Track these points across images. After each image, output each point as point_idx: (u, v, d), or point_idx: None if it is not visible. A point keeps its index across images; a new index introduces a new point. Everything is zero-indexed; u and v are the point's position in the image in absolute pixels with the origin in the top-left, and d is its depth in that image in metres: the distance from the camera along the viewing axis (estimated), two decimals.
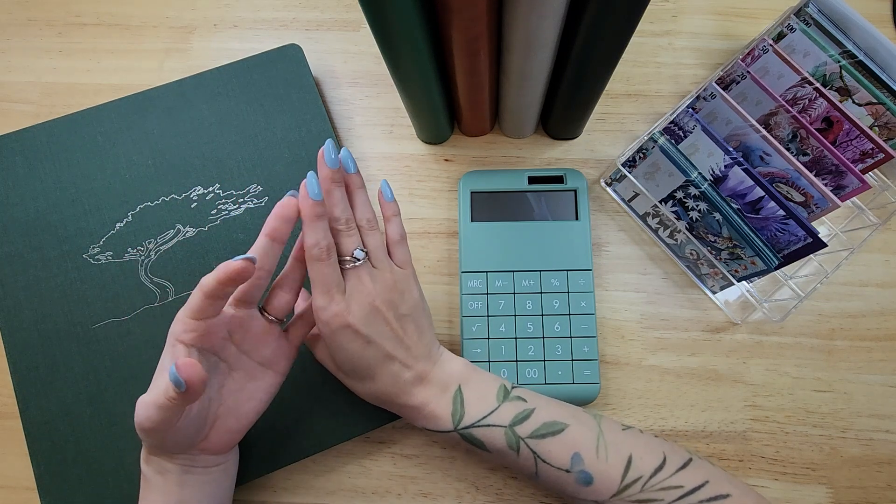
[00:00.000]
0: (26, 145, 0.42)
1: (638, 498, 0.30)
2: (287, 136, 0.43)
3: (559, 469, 0.31)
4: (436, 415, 0.32)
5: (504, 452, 0.31)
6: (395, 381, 0.32)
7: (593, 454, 0.31)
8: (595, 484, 0.30)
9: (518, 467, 0.32)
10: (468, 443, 0.32)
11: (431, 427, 0.32)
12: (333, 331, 0.31)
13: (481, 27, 0.30)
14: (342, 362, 0.32)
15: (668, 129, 0.38)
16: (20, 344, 0.39)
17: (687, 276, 0.42)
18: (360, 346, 0.31)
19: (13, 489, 0.39)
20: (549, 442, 0.31)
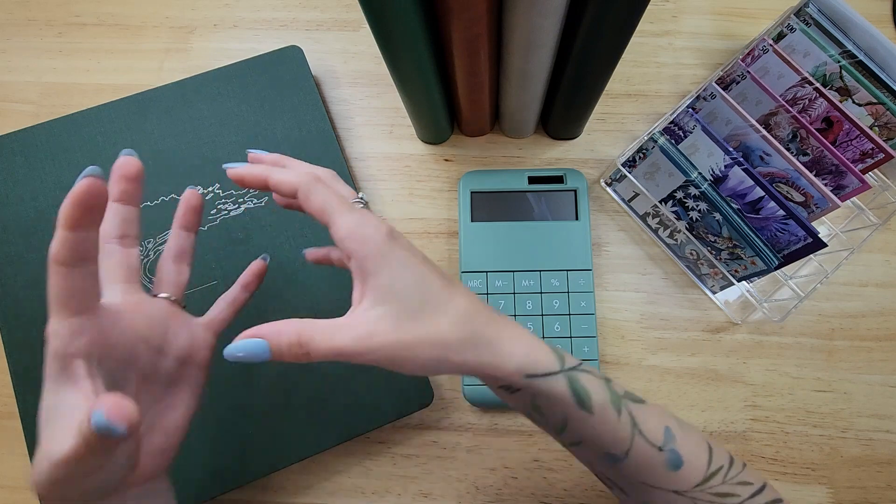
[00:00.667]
0: (26, 145, 0.42)
1: (719, 490, 0.26)
2: (287, 136, 0.43)
3: (652, 446, 0.25)
4: (538, 349, 0.25)
5: (605, 413, 0.25)
6: (475, 300, 0.25)
7: (680, 432, 0.26)
8: (683, 469, 0.25)
9: (610, 439, 0.25)
10: (573, 394, 0.24)
11: (535, 367, 0.24)
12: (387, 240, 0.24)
13: (481, 27, 0.30)
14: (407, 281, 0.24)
15: (668, 129, 0.38)
16: (20, 344, 0.39)
17: (687, 276, 0.42)
18: (419, 256, 0.25)
19: (13, 489, 0.39)
20: (641, 409, 0.26)
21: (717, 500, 0.26)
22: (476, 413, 0.40)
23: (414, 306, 0.23)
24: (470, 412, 0.40)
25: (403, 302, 0.23)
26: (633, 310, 0.42)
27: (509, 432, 0.40)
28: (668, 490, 0.26)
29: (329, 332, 0.23)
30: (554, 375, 0.24)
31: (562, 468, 0.39)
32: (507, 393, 0.26)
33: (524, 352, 0.24)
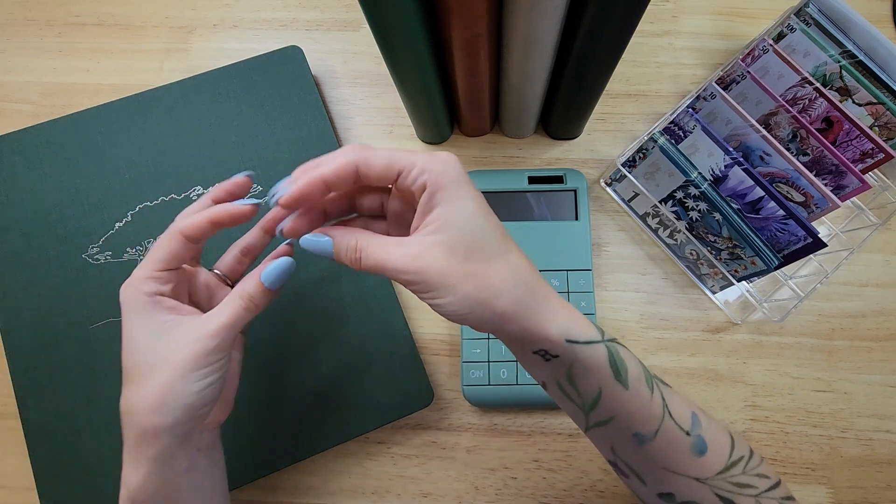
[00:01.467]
0: (26, 145, 0.42)
1: (738, 480, 0.26)
2: (287, 136, 0.43)
3: (681, 429, 0.25)
4: (578, 316, 0.25)
5: (640, 388, 0.25)
6: (528, 261, 0.25)
7: (706, 419, 0.26)
8: (707, 455, 0.25)
9: (641, 418, 0.25)
10: (612, 366, 0.25)
11: (579, 332, 0.24)
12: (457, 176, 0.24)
13: (481, 27, 0.30)
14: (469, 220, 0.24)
15: (668, 129, 0.38)
16: (20, 344, 0.39)
17: (687, 276, 0.42)
18: (485, 207, 0.25)
19: (13, 489, 0.39)
20: (670, 392, 0.26)
21: (736, 489, 0.26)
22: (476, 413, 0.40)
23: (469, 245, 0.23)
24: (470, 412, 0.40)
25: (461, 237, 0.24)
26: (633, 310, 0.42)
27: (509, 432, 0.40)
28: (690, 477, 0.25)
29: (382, 245, 0.24)
30: (595, 344, 0.25)
31: (562, 468, 0.39)
32: (542, 360, 0.25)
33: (568, 317, 0.24)
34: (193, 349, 0.25)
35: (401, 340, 0.40)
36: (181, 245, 0.27)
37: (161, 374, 0.25)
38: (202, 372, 0.25)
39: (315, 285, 0.40)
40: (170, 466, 0.26)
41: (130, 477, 0.25)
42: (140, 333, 0.25)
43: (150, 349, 0.25)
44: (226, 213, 0.27)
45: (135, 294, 0.26)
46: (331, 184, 0.25)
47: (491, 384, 0.39)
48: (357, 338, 0.39)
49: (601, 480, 0.39)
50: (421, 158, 0.24)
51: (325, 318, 0.40)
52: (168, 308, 0.26)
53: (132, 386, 0.25)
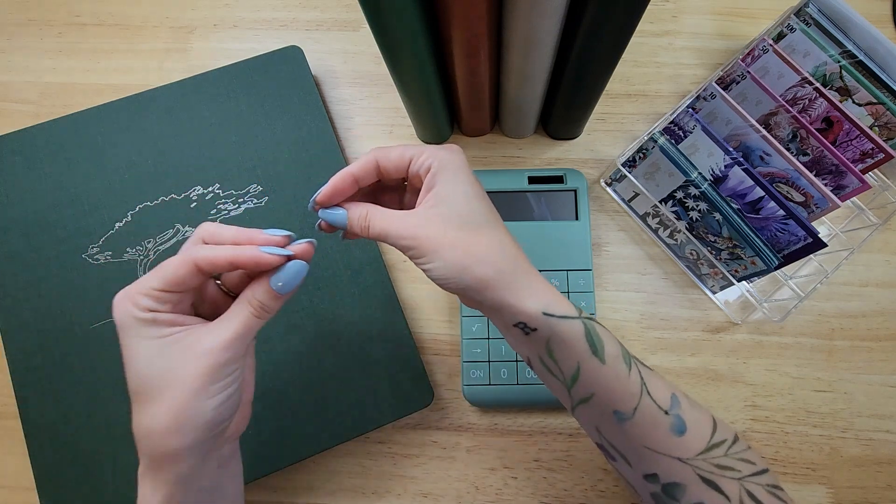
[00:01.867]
0: (26, 145, 0.42)
1: (720, 462, 0.26)
2: (287, 136, 0.43)
3: (659, 408, 0.26)
4: (557, 294, 0.27)
5: (617, 365, 0.26)
6: (513, 242, 0.28)
7: (686, 401, 0.27)
8: (687, 434, 0.26)
9: (619, 394, 0.26)
10: (588, 341, 0.26)
11: (557, 306, 0.26)
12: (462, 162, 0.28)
13: (481, 27, 0.30)
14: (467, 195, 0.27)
15: (668, 129, 0.38)
16: (20, 344, 0.39)
17: (687, 276, 0.42)
18: (481, 191, 0.28)
19: (13, 489, 0.39)
20: (649, 372, 0.27)
21: (718, 471, 0.26)
22: (476, 413, 0.40)
23: (462, 217, 0.27)
24: (470, 412, 0.40)
25: (455, 210, 0.27)
26: (633, 310, 0.42)
27: (509, 432, 0.40)
28: (672, 457, 0.26)
29: (388, 215, 0.27)
30: (571, 319, 0.26)
31: (562, 468, 0.39)
32: (522, 334, 0.27)
33: (546, 293, 0.27)
34: (205, 364, 0.24)
35: (401, 340, 0.40)
36: (192, 275, 0.25)
37: (173, 393, 0.24)
38: (217, 386, 0.24)
39: (315, 285, 0.40)
40: (190, 487, 0.25)
41: (149, 496, 0.24)
42: (142, 351, 0.24)
43: (156, 366, 0.24)
44: (250, 260, 0.25)
45: (127, 309, 0.24)
46: (358, 177, 0.28)
47: (491, 384, 0.39)
48: (357, 338, 0.39)
49: (601, 480, 0.39)
50: (430, 148, 0.28)
51: (325, 319, 0.40)
52: (166, 322, 0.25)
53: (143, 407, 0.24)
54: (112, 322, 0.39)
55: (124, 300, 0.25)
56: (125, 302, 0.25)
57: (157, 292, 0.25)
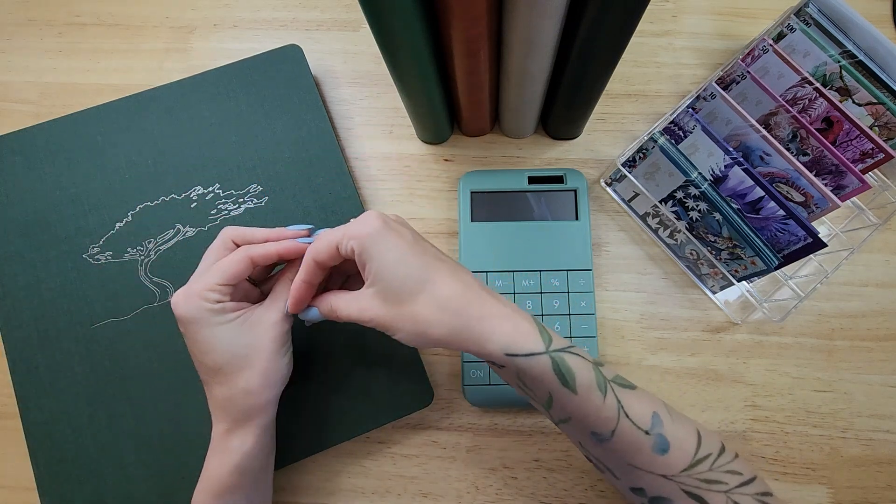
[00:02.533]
0: (26, 145, 0.42)
1: (706, 477, 0.27)
2: (287, 136, 0.43)
3: (639, 429, 0.26)
4: (523, 330, 0.27)
5: (590, 393, 0.26)
6: (460, 283, 0.28)
7: (669, 418, 0.27)
8: (670, 453, 0.26)
9: (595, 419, 0.27)
10: (556, 374, 0.26)
11: (519, 346, 0.26)
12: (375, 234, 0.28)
13: (481, 27, 0.30)
14: (391, 271, 0.27)
15: (668, 129, 0.38)
16: (20, 344, 0.39)
17: (687, 276, 0.42)
18: (407, 242, 0.28)
19: (13, 489, 0.39)
20: (629, 394, 0.27)
21: (704, 486, 0.27)
22: (476, 413, 0.40)
23: (395, 290, 0.27)
24: (470, 412, 0.40)
25: (386, 286, 0.28)
26: (633, 310, 0.42)
27: (509, 432, 0.40)
28: (655, 474, 0.27)
29: (346, 302, 0.30)
30: (536, 356, 0.26)
31: (562, 468, 0.39)
32: (495, 366, 0.28)
33: (508, 332, 0.27)
34: (274, 333, 0.31)
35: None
36: (247, 269, 0.31)
37: (259, 358, 0.30)
38: (285, 348, 0.32)
39: None
40: (269, 432, 0.33)
41: (241, 446, 0.31)
42: (222, 334, 0.30)
43: (238, 343, 0.30)
44: (293, 251, 0.31)
45: (200, 304, 0.29)
46: (311, 281, 0.31)
47: (491, 384, 0.39)
48: (357, 338, 0.39)
49: (601, 480, 0.39)
50: (347, 228, 0.29)
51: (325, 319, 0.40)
52: (231, 308, 0.30)
53: (232, 377, 0.30)
54: (112, 322, 0.39)
55: (192, 297, 0.30)
56: (194, 299, 0.30)
57: (221, 287, 0.30)
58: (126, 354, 0.39)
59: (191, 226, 0.41)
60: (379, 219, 0.28)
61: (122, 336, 0.39)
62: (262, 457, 0.32)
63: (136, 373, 0.38)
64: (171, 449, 0.37)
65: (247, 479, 0.31)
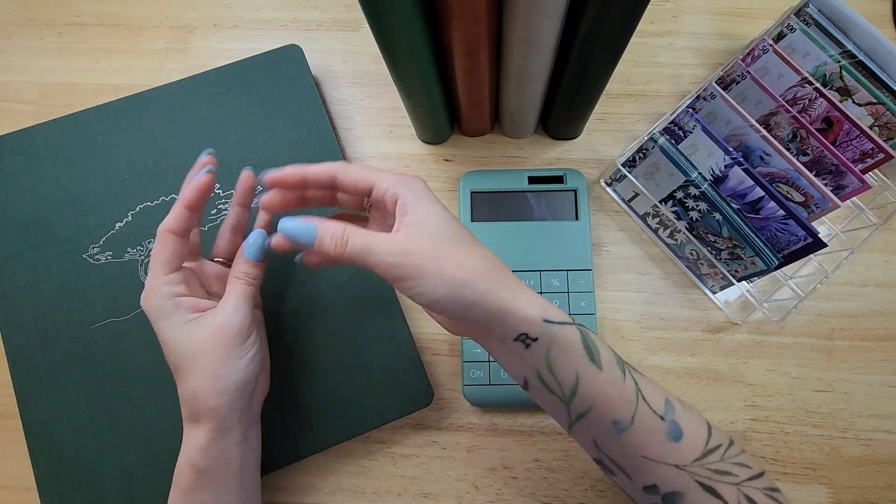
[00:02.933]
0: (26, 145, 0.42)
1: (717, 468, 0.26)
2: (287, 136, 0.43)
3: (655, 414, 0.26)
4: (549, 303, 0.27)
5: (613, 370, 0.26)
6: (495, 257, 0.28)
7: (680, 405, 0.27)
8: (683, 441, 0.26)
9: (618, 403, 0.26)
10: (584, 346, 0.26)
11: (552, 315, 0.26)
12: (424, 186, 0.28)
13: (481, 27, 0.30)
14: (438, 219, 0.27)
15: (668, 129, 0.38)
16: (20, 344, 0.39)
17: (687, 276, 0.42)
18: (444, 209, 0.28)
19: (13, 489, 0.39)
20: (642, 377, 0.27)
21: (716, 476, 0.26)
22: (476, 413, 0.40)
23: (446, 233, 0.27)
24: (470, 412, 0.40)
25: (438, 228, 0.27)
26: (633, 310, 0.42)
27: (509, 432, 0.40)
28: (670, 464, 0.26)
29: (368, 234, 0.27)
30: (568, 325, 0.27)
31: (562, 468, 0.39)
32: (523, 347, 0.27)
33: (541, 300, 0.27)
34: (223, 336, 0.29)
35: (401, 340, 0.40)
36: (174, 242, 0.29)
37: (205, 363, 0.29)
38: (238, 352, 0.29)
39: (315, 285, 0.40)
40: (227, 438, 0.30)
41: (194, 444, 0.29)
42: (174, 333, 0.29)
43: (188, 345, 0.29)
44: (191, 191, 0.30)
45: (156, 301, 0.29)
46: (308, 181, 0.30)
47: (491, 384, 0.39)
48: (357, 338, 0.39)
49: (601, 480, 0.39)
50: (392, 176, 0.28)
51: (325, 319, 0.40)
52: (189, 307, 0.30)
53: (185, 377, 0.29)
54: (112, 322, 0.39)
55: (149, 294, 0.29)
56: (150, 296, 0.29)
57: (166, 276, 0.29)
58: (126, 354, 0.38)
59: None
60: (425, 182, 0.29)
61: (122, 336, 0.39)
62: (225, 461, 0.30)
63: (136, 373, 0.38)
64: (171, 449, 0.37)
65: (206, 480, 0.30)
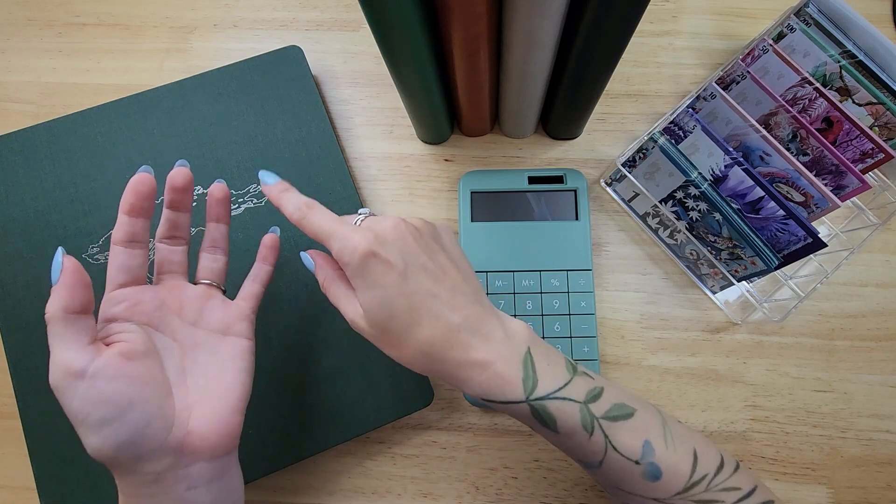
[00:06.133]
0: (26, 145, 0.42)
1: (701, 498, 0.26)
2: (287, 136, 0.43)
3: (628, 460, 0.26)
4: (504, 378, 0.26)
5: (574, 433, 0.26)
6: (443, 327, 0.26)
7: (662, 444, 0.27)
8: (663, 479, 0.26)
9: (582, 453, 0.27)
10: (536, 418, 0.26)
11: (495, 395, 0.26)
12: (359, 266, 0.26)
13: (481, 27, 0.30)
14: (376, 308, 0.26)
15: (668, 129, 0.38)
16: (20, 344, 0.39)
17: (687, 276, 0.42)
18: (394, 279, 0.26)
19: (13, 489, 0.39)
20: (620, 427, 0.27)
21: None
22: (476, 413, 0.40)
23: (381, 324, 0.27)
24: (470, 412, 0.40)
25: (373, 317, 0.27)
26: (633, 310, 0.42)
27: (509, 432, 0.40)
28: (647, 497, 0.27)
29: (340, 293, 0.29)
30: (515, 404, 0.26)
31: (562, 468, 0.39)
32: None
33: (484, 381, 0.26)
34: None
35: None
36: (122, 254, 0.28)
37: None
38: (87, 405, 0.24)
39: (315, 285, 0.40)
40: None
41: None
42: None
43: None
44: (128, 194, 0.27)
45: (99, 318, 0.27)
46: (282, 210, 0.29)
47: None
48: (357, 338, 0.39)
49: None
50: (336, 243, 0.27)
51: (325, 319, 0.40)
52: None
53: None
54: None
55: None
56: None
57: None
58: None
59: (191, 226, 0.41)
60: (370, 243, 0.26)
61: None
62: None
63: None
64: None
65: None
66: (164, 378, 0.27)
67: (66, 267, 0.24)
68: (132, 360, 0.25)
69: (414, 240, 0.27)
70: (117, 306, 0.27)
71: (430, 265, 0.27)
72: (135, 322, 0.27)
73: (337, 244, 0.27)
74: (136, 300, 0.27)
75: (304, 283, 0.40)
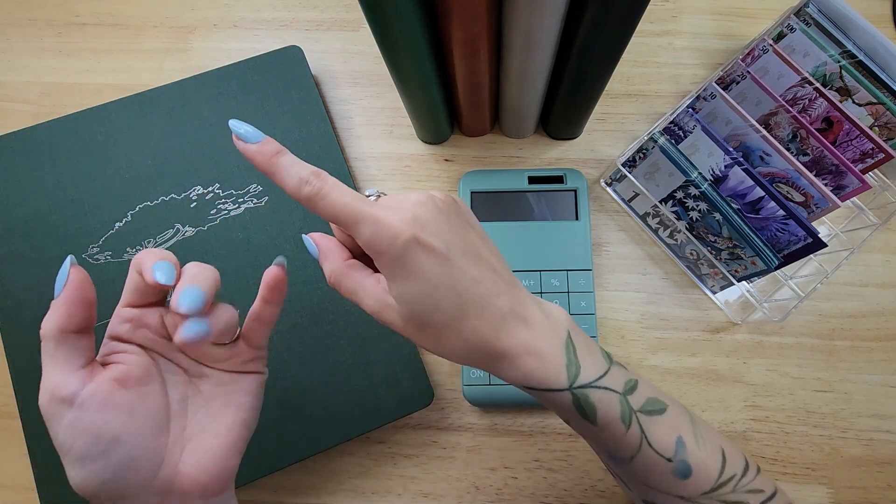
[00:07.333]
0: (26, 145, 0.42)
1: (728, 499, 0.26)
2: (287, 136, 0.43)
3: (660, 456, 0.25)
4: (548, 364, 0.24)
5: (611, 425, 0.25)
6: (491, 316, 0.24)
7: (693, 442, 0.26)
8: (692, 477, 0.25)
9: (615, 446, 0.25)
10: (577, 408, 0.24)
11: (536, 382, 0.24)
12: (400, 255, 0.22)
13: (481, 27, 0.30)
14: (416, 302, 0.23)
15: (668, 129, 0.38)
16: (20, 344, 0.39)
17: (687, 276, 0.42)
18: (439, 268, 0.23)
19: (13, 489, 0.39)
20: (655, 421, 0.25)
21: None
22: (476, 413, 0.40)
23: (422, 318, 0.23)
24: (470, 412, 0.40)
25: (411, 310, 0.23)
26: (634, 310, 0.42)
27: (509, 432, 0.40)
28: (673, 495, 0.26)
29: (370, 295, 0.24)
30: (556, 392, 0.24)
31: (562, 468, 0.39)
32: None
33: (528, 369, 0.24)
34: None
35: (401, 340, 0.40)
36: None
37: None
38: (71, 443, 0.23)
39: (315, 285, 0.40)
40: None
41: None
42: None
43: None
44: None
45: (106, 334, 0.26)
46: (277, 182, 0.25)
47: (491, 384, 0.39)
48: (357, 338, 0.39)
49: (602, 480, 0.39)
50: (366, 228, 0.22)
51: (325, 319, 0.40)
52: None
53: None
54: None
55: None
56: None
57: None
58: None
59: (190, 226, 0.41)
60: (412, 225, 0.22)
61: None
62: None
63: None
64: None
65: None
66: (161, 408, 0.25)
67: (70, 280, 0.23)
68: (126, 387, 0.24)
69: (447, 218, 0.24)
70: (122, 325, 0.25)
71: (469, 248, 0.24)
72: (137, 343, 0.25)
73: (368, 229, 0.22)
74: (140, 322, 0.25)
75: (305, 282, 0.40)
